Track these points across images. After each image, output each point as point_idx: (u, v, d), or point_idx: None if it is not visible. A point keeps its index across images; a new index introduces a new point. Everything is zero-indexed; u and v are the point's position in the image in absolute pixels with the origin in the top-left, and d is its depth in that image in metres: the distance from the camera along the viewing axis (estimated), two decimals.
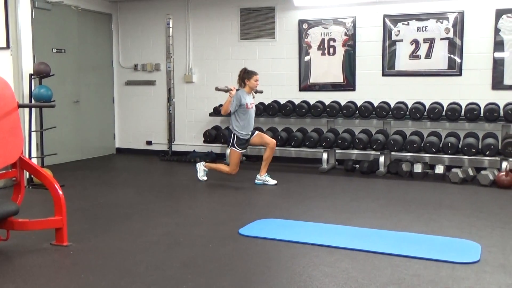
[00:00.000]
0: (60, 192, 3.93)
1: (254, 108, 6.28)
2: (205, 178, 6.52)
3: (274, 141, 6.31)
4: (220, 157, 8.00)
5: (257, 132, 6.37)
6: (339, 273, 3.38)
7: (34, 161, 6.12)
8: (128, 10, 8.88)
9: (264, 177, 6.28)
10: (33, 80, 6.31)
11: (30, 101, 6.20)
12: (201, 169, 6.54)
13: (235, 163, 6.19)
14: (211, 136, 7.77)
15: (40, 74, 6.27)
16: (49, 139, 7.02)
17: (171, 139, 8.67)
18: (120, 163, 8.39)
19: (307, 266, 3.49)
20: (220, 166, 6.41)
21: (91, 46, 8.50)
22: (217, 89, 6.36)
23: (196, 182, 6.56)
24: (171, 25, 8.45)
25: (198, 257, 3.68)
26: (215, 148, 8.23)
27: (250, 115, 6.17)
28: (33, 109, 6.35)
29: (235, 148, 6.15)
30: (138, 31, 8.85)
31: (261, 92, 6.63)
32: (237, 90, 6.14)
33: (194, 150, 8.44)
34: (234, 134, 6.14)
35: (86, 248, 3.90)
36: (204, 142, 7.88)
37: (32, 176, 5.91)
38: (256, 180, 6.31)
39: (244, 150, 6.29)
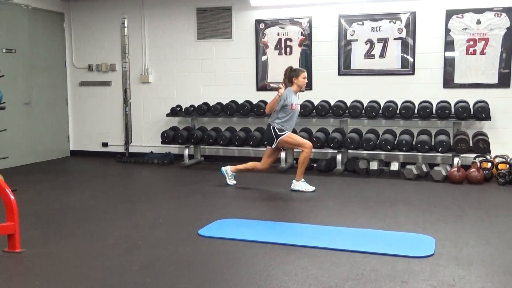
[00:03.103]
0: (12, 197, 3.80)
1: (298, 109, 5.94)
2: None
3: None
4: (178, 158, 7.93)
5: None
6: (299, 271, 3.40)
7: None
8: (81, 9, 8.67)
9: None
10: None
11: None
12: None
13: (300, 141, 5.84)
14: (169, 137, 7.69)
15: None
16: None
17: (127, 141, 8.52)
18: (75, 165, 8.18)
19: (267, 265, 3.51)
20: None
21: (43, 46, 8.26)
22: (270, 88, 5.98)
23: (153, 184, 6.48)
24: (126, 25, 8.30)
25: (157, 260, 3.63)
26: (173, 149, 8.15)
27: (292, 115, 5.82)
28: None
29: (283, 135, 5.76)
30: (92, 30, 8.65)
31: (302, 91, 6.12)
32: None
33: (151, 152, 8.32)
34: (273, 127, 5.78)
35: (40, 254, 3.79)
36: (162, 143, 7.80)
37: None
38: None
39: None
